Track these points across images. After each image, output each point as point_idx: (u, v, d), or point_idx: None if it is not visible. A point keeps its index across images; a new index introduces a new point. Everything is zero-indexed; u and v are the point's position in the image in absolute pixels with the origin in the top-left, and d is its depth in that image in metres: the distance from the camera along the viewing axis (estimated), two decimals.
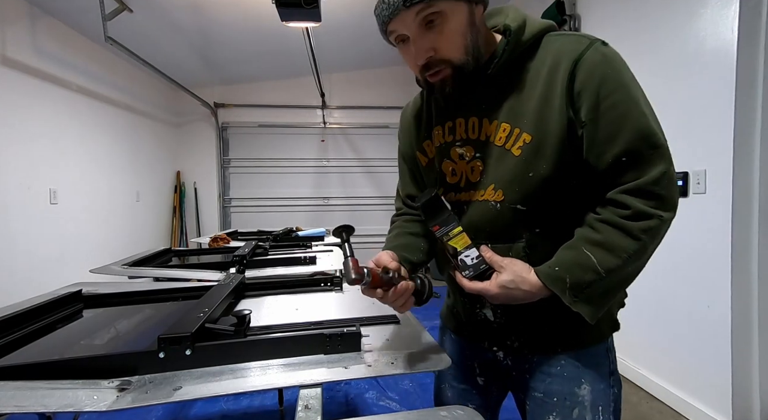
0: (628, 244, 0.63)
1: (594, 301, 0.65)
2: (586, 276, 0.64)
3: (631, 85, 0.64)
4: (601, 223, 0.65)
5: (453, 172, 0.77)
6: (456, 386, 0.87)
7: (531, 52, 0.70)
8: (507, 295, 0.67)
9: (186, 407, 2.13)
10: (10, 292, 2.54)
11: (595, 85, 0.63)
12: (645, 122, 0.63)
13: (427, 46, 0.66)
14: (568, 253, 0.66)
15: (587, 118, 0.64)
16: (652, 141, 0.63)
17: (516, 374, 0.79)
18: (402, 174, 0.95)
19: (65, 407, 0.54)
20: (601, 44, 0.66)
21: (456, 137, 0.76)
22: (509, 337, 0.77)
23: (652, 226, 0.62)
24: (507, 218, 0.71)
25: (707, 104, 1.86)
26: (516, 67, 0.70)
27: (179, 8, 3.21)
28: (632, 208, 0.62)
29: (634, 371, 2.37)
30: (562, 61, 0.66)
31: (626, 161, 0.63)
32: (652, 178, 0.62)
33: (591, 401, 0.72)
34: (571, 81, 0.65)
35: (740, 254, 1.77)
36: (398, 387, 2.35)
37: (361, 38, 4.25)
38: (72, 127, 3.25)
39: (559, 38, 0.69)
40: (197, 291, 1.14)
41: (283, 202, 5.40)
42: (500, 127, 0.70)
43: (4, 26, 2.63)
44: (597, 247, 0.64)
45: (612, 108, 0.63)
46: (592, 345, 0.75)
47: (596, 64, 0.64)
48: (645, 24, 2.23)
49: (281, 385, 0.63)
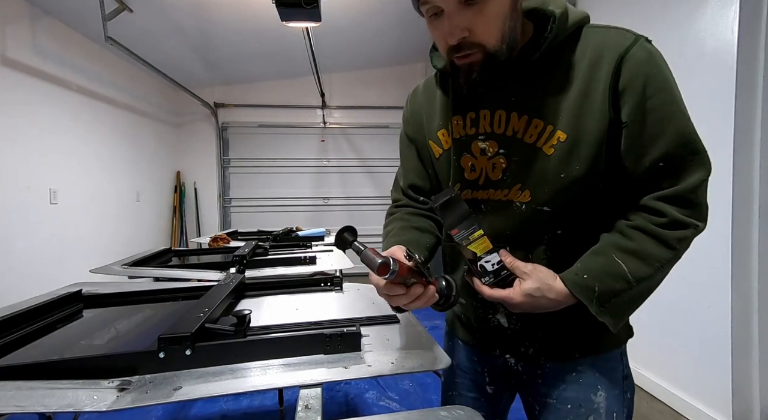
0: (663, 253, 0.60)
1: (620, 310, 0.63)
2: (617, 285, 0.61)
3: (674, 87, 0.61)
4: (634, 230, 0.62)
5: (472, 168, 0.72)
6: (465, 395, 0.84)
7: (570, 43, 0.64)
8: (532, 303, 0.63)
9: (186, 407, 2.13)
10: (9, 292, 2.54)
11: (640, 84, 0.60)
12: (688, 126, 0.60)
13: (463, 24, 0.59)
14: (596, 260, 0.63)
15: (629, 119, 0.61)
16: (693, 146, 0.60)
17: (526, 378, 0.77)
18: (406, 161, 0.87)
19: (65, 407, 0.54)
20: (646, 41, 0.62)
21: (479, 130, 0.70)
22: (523, 344, 0.74)
23: (688, 236, 0.60)
24: (531, 220, 0.68)
25: (707, 104, 1.86)
26: (553, 58, 0.65)
27: (179, 8, 3.21)
28: (668, 216, 0.60)
29: (634, 371, 2.35)
30: (605, 55, 0.61)
31: (664, 166, 0.60)
32: (690, 186, 0.59)
33: (606, 408, 0.70)
34: (615, 78, 0.60)
35: (740, 254, 1.77)
36: (398, 387, 2.35)
37: (361, 38, 4.25)
38: (72, 127, 3.25)
39: (600, 31, 0.64)
40: (197, 291, 1.14)
41: (283, 202, 5.40)
42: (531, 123, 0.66)
43: (4, 26, 2.63)
44: (629, 255, 0.61)
45: (656, 110, 0.60)
46: (611, 350, 0.73)
47: (642, 62, 0.60)
48: (645, 24, 2.23)
49: (281, 385, 0.62)
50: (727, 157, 1.74)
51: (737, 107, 1.73)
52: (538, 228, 0.68)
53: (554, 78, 0.65)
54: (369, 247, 0.59)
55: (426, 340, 0.78)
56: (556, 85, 0.64)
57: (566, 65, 0.64)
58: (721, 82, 1.78)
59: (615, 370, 0.72)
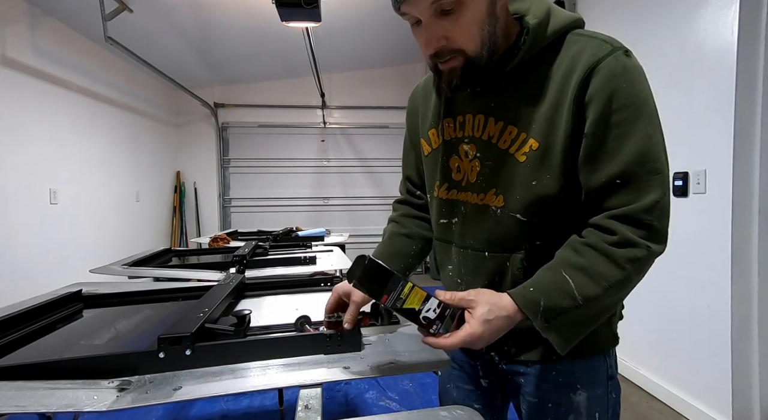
0: (611, 273, 0.58)
1: (566, 331, 0.60)
2: (563, 302, 0.59)
3: (644, 105, 0.59)
4: (586, 246, 0.61)
5: (458, 169, 0.74)
6: (461, 387, 0.86)
7: (551, 50, 0.64)
8: (491, 329, 0.58)
9: (186, 407, 2.13)
10: (10, 292, 2.54)
11: (605, 96, 0.59)
12: (648, 145, 0.58)
13: (439, 34, 0.60)
14: (545, 275, 0.62)
15: (589, 131, 0.60)
16: (651, 166, 0.58)
17: (510, 377, 0.78)
18: (406, 153, 0.92)
19: (65, 407, 0.54)
20: (623, 53, 0.60)
21: (465, 133, 0.72)
22: (506, 343, 0.75)
23: (639, 257, 0.58)
24: (507, 226, 0.68)
25: (707, 104, 1.86)
26: (531, 66, 0.65)
27: (179, 8, 3.21)
28: (619, 235, 0.58)
29: (634, 371, 2.37)
30: (578, 65, 0.61)
31: (620, 184, 0.59)
32: (643, 206, 0.58)
33: (587, 407, 0.70)
34: (583, 88, 0.60)
35: (740, 254, 1.77)
36: (398, 387, 2.35)
37: (361, 38, 4.25)
38: (72, 127, 3.25)
39: (581, 39, 0.63)
40: (197, 291, 1.14)
41: (283, 202, 5.40)
42: (506, 129, 0.66)
43: (4, 26, 2.63)
44: (578, 271, 0.59)
45: (617, 125, 0.59)
46: (591, 356, 0.72)
47: (613, 75, 0.59)
48: (645, 24, 2.23)
49: (281, 385, 0.62)
50: (728, 157, 1.74)
51: (737, 107, 1.73)
52: (516, 236, 0.68)
53: (531, 86, 0.65)
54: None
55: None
56: (532, 93, 0.64)
57: (543, 73, 0.64)
58: (721, 82, 1.78)
59: (597, 370, 0.72)
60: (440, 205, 0.78)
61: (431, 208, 0.83)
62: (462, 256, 0.75)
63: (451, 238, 0.77)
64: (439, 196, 0.78)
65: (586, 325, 0.62)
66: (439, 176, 0.77)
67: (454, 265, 0.78)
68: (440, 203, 0.78)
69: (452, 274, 0.78)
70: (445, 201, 0.77)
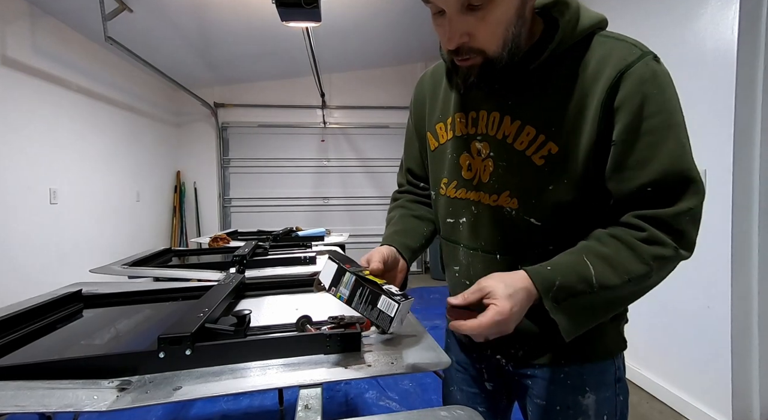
0: (635, 267, 0.57)
1: (576, 314, 0.59)
2: (578, 285, 0.57)
3: (675, 112, 0.58)
4: (611, 237, 0.60)
5: (469, 167, 0.71)
6: (465, 390, 0.85)
7: (577, 50, 0.61)
8: (517, 302, 0.56)
9: (186, 407, 2.13)
10: (10, 291, 2.54)
11: (637, 103, 0.57)
12: (681, 154, 0.57)
13: (462, 29, 0.57)
14: (566, 258, 0.60)
15: (619, 138, 0.58)
16: (685, 175, 0.57)
17: (518, 379, 0.77)
18: (408, 144, 0.88)
19: (65, 407, 0.54)
20: (653, 58, 0.58)
21: (478, 130, 0.69)
22: (513, 346, 0.74)
23: (666, 256, 0.57)
24: (521, 229, 0.66)
25: (707, 104, 1.86)
26: (556, 65, 0.62)
27: (179, 8, 3.21)
28: (648, 232, 0.57)
29: (634, 371, 2.37)
30: (606, 68, 0.58)
31: (651, 192, 0.57)
32: (675, 211, 0.57)
33: (595, 410, 0.70)
34: (611, 93, 0.58)
35: (740, 254, 1.77)
36: (398, 387, 2.35)
37: (361, 38, 4.25)
38: (72, 127, 3.24)
39: (608, 41, 0.61)
40: (197, 291, 1.14)
41: (283, 202, 5.40)
42: (524, 129, 0.63)
43: (4, 26, 2.63)
44: (600, 259, 0.58)
45: (650, 132, 0.57)
46: (599, 361, 0.71)
47: (643, 81, 0.57)
48: (645, 24, 2.23)
49: (281, 385, 0.62)
50: (728, 157, 1.74)
51: (737, 107, 1.73)
52: (529, 239, 0.66)
53: (554, 86, 0.62)
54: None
55: (426, 341, 0.78)
56: (555, 94, 0.62)
57: (568, 74, 0.61)
58: (721, 82, 1.78)
59: (606, 372, 0.72)
60: (447, 204, 0.76)
61: (436, 205, 0.81)
62: (471, 257, 0.73)
63: (458, 238, 0.75)
64: (447, 194, 0.76)
65: (596, 313, 0.60)
66: (446, 173, 0.75)
67: (462, 266, 0.76)
68: (447, 202, 0.76)
69: (459, 275, 0.77)
70: (453, 200, 0.75)
